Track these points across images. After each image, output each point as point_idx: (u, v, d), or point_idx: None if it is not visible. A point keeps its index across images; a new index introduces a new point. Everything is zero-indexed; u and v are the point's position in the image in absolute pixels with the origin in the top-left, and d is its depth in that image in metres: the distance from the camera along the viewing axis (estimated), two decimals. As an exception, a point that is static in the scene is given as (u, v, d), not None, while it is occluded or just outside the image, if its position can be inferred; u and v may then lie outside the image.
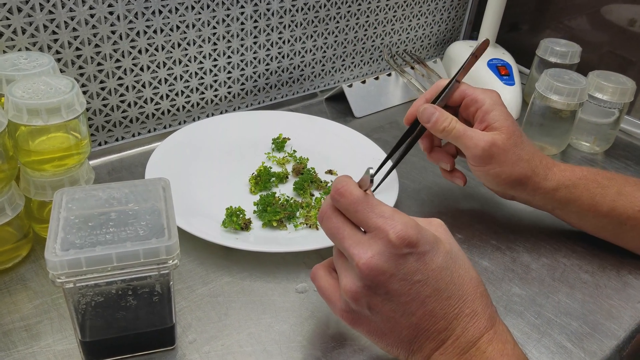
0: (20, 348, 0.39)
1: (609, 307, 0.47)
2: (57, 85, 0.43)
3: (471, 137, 0.46)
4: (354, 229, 0.34)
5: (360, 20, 0.80)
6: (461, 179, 0.52)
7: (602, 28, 0.83)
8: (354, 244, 0.33)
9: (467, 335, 0.33)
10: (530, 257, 0.52)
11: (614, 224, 0.50)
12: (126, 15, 0.58)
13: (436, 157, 0.52)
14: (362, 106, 0.75)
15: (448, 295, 0.32)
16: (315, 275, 0.38)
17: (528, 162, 0.48)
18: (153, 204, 0.36)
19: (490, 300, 0.35)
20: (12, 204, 0.43)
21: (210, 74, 0.68)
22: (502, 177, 0.48)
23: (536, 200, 0.50)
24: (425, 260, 0.32)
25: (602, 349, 0.43)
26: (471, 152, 0.47)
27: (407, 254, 0.32)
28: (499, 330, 0.34)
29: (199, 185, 0.56)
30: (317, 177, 0.58)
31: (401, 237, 0.31)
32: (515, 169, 0.47)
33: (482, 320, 0.33)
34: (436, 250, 0.33)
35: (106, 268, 0.33)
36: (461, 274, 0.33)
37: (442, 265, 0.32)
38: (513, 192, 0.50)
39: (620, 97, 0.67)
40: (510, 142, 0.47)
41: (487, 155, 0.46)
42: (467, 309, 0.33)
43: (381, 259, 0.32)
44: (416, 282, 0.32)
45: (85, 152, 0.46)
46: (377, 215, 0.32)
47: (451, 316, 0.33)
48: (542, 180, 0.49)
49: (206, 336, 0.41)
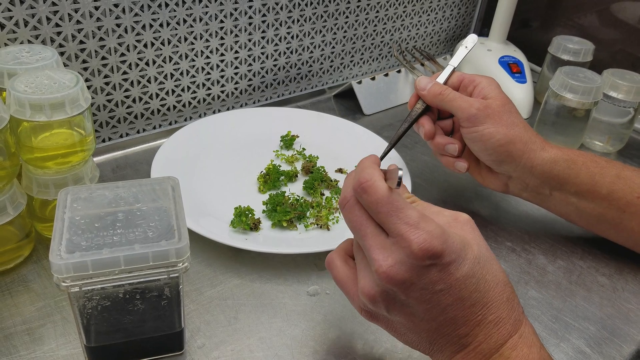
0: (22, 352, 0.37)
1: (627, 311, 0.46)
2: (61, 79, 0.42)
3: (465, 99, 0.47)
4: (377, 229, 0.32)
5: (369, 15, 0.78)
6: (465, 163, 0.50)
7: (613, 26, 0.81)
8: (375, 246, 0.31)
9: (490, 342, 0.32)
10: (546, 260, 0.51)
11: (613, 211, 0.48)
12: (132, 7, 0.56)
13: (441, 143, 0.50)
14: (371, 103, 0.74)
15: (472, 303, 0.31)
16: (330, 263, 0.36)
17: (524, 129, 0.47)
18: (162, 204, 0.35)
19: (516, 302, 0.33)
20: (13, 203, 0.42)
21: (217, 69, 0.66)
22: (496, 137, 0.46)
23: (533, 179, 0.48)
24: (450, 270, 0.31)
25: (621, 353, 0.42)
26: (465, 112, 0.46)
27: (430, 265, 0.30)
28: (524, 333, 0.32)
29: (206, 184, 0.55)
30: (327, 176, 0.56)
31: (424, 249, 0.29)
32: (511, 131, 0.46)
33: (507, 326, 0.32)
34: (462, 259, 0.31)
35: (113, 271, 0.31)
36: (487, 280, 0.32)
37: (467, 274, 0.31)
38: (507, 166, 0.48)
39: (635, 96, 0.65)
40: (504, 109, 0.46)
41: (481, 115, 0.46)
42: (491, 315, 0.32)
43: (402, 268, 0.30)
44: (438, 291, 0.31)
45: (89, 149, 0.45)
46: (402, 222, 0.30)
47: (473, 323, 0.31)
48: (540, 150, 0.47)
49: (215, 341, 0.40)
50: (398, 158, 0.60)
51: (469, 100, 0.47)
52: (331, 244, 0.46)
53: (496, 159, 0.48)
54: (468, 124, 0.47)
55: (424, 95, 0.48)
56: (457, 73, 0.50)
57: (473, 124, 0.46)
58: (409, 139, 0.69)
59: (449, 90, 0.47)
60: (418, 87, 0.49)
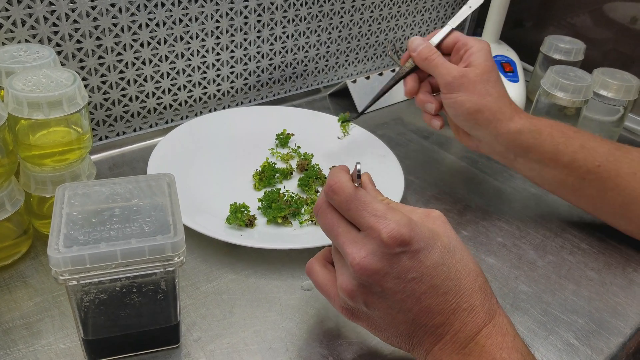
0: (20, 346, 0.38)
1: (615, 305, 0.47)
2: (59, 78, 0.42)
3: (447, 67, 0.49)
4: (348, 226, 0.34)
5: (364, 15, 0.79)
6: (439, 121, 0.54)
7: (605, 25, 0.82)
8: (348, 242, 0.33)
9: (465, 330, 0.32)
10: (536, 255, 0.52)
11: (573, 178, 0.50)
12: (128, 7, 0.57)
13: (423, 99, 0.53)
14: (365, 102, 0.74)
15: (444, 290, 0.32)
16: (310, 270, 0.38)
17: (496, 99, 0.49)
18: (158, 200, 0.36)
19: (489, 292, 0.34)
20: (11, 200, 0.42)
21: (213, 68, 0.67)
22: (466, 105, 0.49)
23: (499, 145, 0.51)
24: (420, 257, 0.32)
25: (608, 346, 0.43)
26: (443, 79, 0.49)
27: (400, 253, 0.31)
28: (498, 322, 0.33)
29: (202, 181, 0.55)
30: (321, 174, 0.57)
31: (393, 237, 0.31)
32: (481, 100, 0.48)
33: (481, 314, 0.33)
34: (431, 247, 0.32)
35: (110, 265, 0.32)
36: (458, 268, 0.33)
37: (437, 262, 0.32)
38: (476, 131, 0.51)
39: (625, 94, 0.66)
40: (482, 78, 0.49)
41: (457, 84, 0.49)
42: (465, 303, 0.32)
43: (374, 258, 0.32)
44: (411, 279, 0.32)
45: (86, 147, 0.45)
46: (370, 214, 0.32)
47: (448, 311, 0.32)
48: (507, 120, 0.49)
49: (211, 334, 0.40)
50: (391, 155, 0.61)
51: (449, 68, 0.49)
52: (325, 240, 0.47)
53: (466, 125, 0.51)
54: (444, 90, 0.50)
55: (414, 56, 0.51)
56: (454, 34, 0.52)
57: (448, 90, 0.49)
58: (402, 137, 0.70)
59: (435, 55, 0.50)
60: (410, 47, 0.52)
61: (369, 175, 0.38)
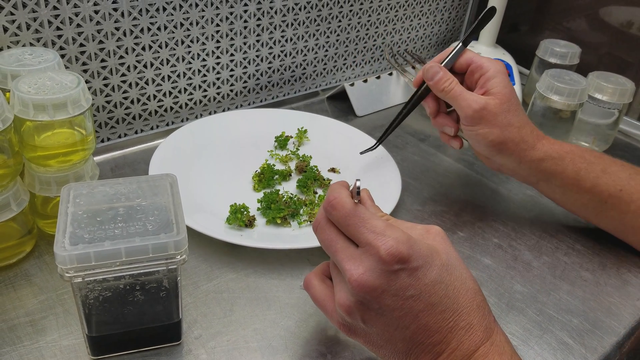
0: (26, 343, 0.39)
1: (609, 305, 0.48)
2: (63, 80, 0.43)
3: (466, 98, 0.48)
4: (346, 242, 0.33)
5: (362, 19, 0.80)
6: (458, 142, 0.54)
7: (600, 29, 0.83)
8: (346, 258, 0.33)
9: (462, 349, 0.32)
10: (531, 255, 0.53)
11: (595, 202, 0.51)
12: (130, 11, 0.58)
13: (441, 122, 0.53)
14: (363, 105, 0.76)
15: (442, 309, 0.32)
16: (308, 284, 0.37)
17: (518, 129, 0.49)
18: (160, 200, 0.37)
19: (487, 310, 0.34)
20: (17, 200, 0.43)
21: (213, 71, 0.68)
22: (489, 138, 0.49)
23: (522, 170, 0.51)
24: (418, 275, 0.32)
25: (602, 345, 0.44)
26: (464, 112, 0.49)
27: (399, 270, 0.31)
28: (496, 341, 0.33)
29: (202, 183, 0.56)
30: (320, 175, 0.58)
31: (392, 254, 0.31)
32: (503, 132, 0.48)
33: (478, 333, 0.32)
34: (430, 264, 0.32)
35: (115, 263, 0.33)
36: (457, 286, 0.33)
37: (435, 280, 0.32)
38: (500, 159, 0.51)
39: (619, 97, 0.67)
40: (503, 108, 0.48)
41: (477, 117, 0.48)
42: (462, 322, 0.32)
43: (372, 275, 0.31)
44: (409, 297, 0.32)
45: (90, 148, 0.46)
46: (369, 231, 0.32)
47: (445, 330, 0.32)
48: (530, 149, 0.50)
49: (212, 332, 0.41)
50: (388, 157, 0.61)
51: (469, 100, 0.48)
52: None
53: (489, 154, 0.51)
54: (465, 122, 0.50)
55: (430, 85, 0.50)
56: (467, 54, 0.51)
57: (469, 123, 0.49)
58: (399, 139, 0.70)
59: (453, 85, 0.49)
60: (426, 77, 0.50)
61: (369, 192, 0.38)
